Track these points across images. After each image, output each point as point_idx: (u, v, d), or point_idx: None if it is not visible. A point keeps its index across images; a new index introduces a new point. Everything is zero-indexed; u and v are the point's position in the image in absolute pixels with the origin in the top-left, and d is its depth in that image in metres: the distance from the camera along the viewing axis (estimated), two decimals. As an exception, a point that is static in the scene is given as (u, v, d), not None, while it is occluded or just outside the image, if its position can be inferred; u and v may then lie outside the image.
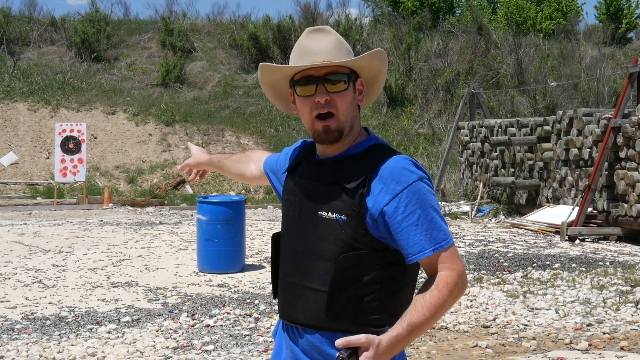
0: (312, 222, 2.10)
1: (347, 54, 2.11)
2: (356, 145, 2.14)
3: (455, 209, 15.69)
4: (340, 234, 2.05)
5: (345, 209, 2.04)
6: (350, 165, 2.09)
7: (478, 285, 8.06)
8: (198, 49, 28.94)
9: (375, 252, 2.05)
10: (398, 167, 2.04)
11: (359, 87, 2.15)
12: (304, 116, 2.13)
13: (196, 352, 5.67)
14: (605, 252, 10.80)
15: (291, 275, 2.15)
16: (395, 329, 1.96)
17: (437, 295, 1.99)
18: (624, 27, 32.83)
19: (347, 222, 2.04)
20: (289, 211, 2.20)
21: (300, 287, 2.11)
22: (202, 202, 9.15)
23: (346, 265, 2.04)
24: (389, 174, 2.03)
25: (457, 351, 5.74)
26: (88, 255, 10.22)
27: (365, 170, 2.06)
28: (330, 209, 2.06)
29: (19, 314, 6.91)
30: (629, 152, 11.78)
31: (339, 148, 2.14)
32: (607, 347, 5.81)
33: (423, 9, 32.47)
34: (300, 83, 2.10)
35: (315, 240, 2.09)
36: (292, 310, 2.13)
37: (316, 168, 2.16)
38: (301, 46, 2.11)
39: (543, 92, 24.72)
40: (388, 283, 2.07)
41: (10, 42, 27.69)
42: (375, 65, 2.15)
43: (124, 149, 22.52)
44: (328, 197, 2.08)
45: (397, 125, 23.98)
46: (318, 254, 2.08)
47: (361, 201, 2.03)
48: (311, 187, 2.13)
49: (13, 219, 14.64)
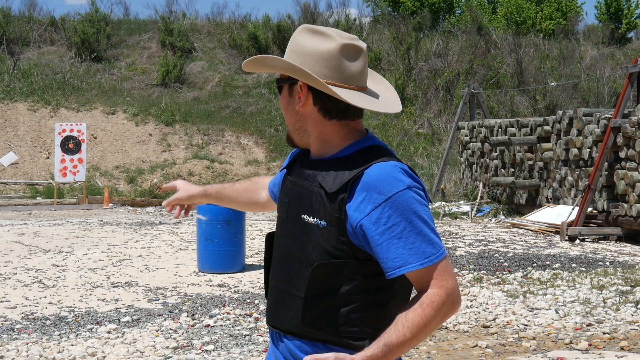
0: (296, 225, 2.01)
1: (291, 56, 2.03)
2: (350, 146, 2.01)
3: (455, 209, 15.70)
4: (319, 239, 1.94)
5: (326, 214, 1.93)
6: (337, 168, 1.96)
7: (478, 285, 8.06)
8: (198, 49, 28.94)
9: (357, 261, 1.92)
10: (384, 174, 1.88)
11: (299, 91, 2.01)
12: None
13: (196, 352, 5.67)
14: (605, 252, 10.80)
15: (276, 278, 2.08)
16: (371, 348, 1.84)
17: (421, 315, 1.84)
18: (624, 27, 32.83)
19: (327, 228, 1.93)
20: (279, 212, 2.13)
21: (283, 291, 2.04)
22: (202, 202, 9.14)
23: (322, 273, 1.93)
24: (373, 181, 1.88)
25: (457, 351, 5.74)
26: (88, 255, 10.22)
27: (349, 174, 1.92)
28: (312, 212, 1.97)
29: (19, 314, 6.91)
30: (629, 152, 11.78)
31: (331, 148, 2.03)
32: (607, 347, 5.81)
33: (423, 9, 32.47)
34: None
35: (297, 244, 2.00)
36: (275, 315, 2.07)
37: (306, 169, 2.05)
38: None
39: (543, 92, 24.72)
40: (370, 294, 1.94)
41: (10, 42, 27.69)
42: (269, 69, 2.08)
43: (123, 149, 22.52)
44: (311, 200, 1.98)
45: (397, 126, 23.97)
46: (300, 259, 1.99)
47: (341, 207, 1.91)
48: (298, 189, 2.04)
49: (13, 219, 14.63)
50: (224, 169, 21.48)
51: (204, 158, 21.95)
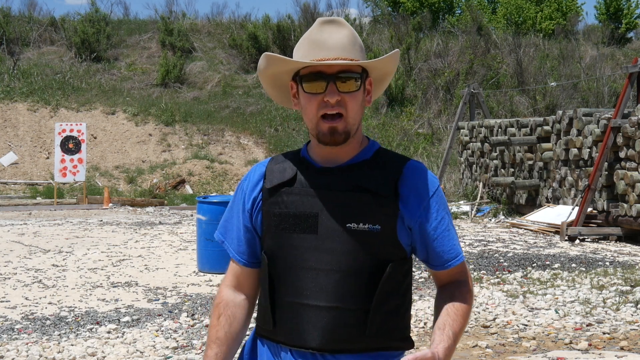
0: (337, 236, 1.90)
1: (360, 51, 1.94)
2: (365, 149, 1.99)
3: (455, 209, 15.70)
4: (374, 245, 1.89)
5: (379, 218, 1.89)
6: (372, 170, 1.93)
7: (478, 285, 8.06)
8: (198, 49, 28.94)
9: (401, 261, 1.94)
10: (423, 172, 1.95)
11: (368, 87, 1.98)
12: (308, 114, 1.94)
13: (196, 352, 5.67)
14: (605, 252, 10.80)
15: (299, 296, 1.92)
16: (443, 340, 1.86)
17: (468, 303, 1.96)
18: (623, 27, 32.83)
19: (382, 231, 1.89)
20: (294, 225, 1.94)
21: (327, 309, 1.89)
22: (202, 202, 9.16)
23: (390, 278, 1.91)
24: (417, 178, 1.93)
25: (457, 351, 5.74)
26: (88, 255, 10.22)
27: (392, 175, 1.92)
28: (361, 219, 1.89)
29: (19, 314, 6.91)
30: (628, 152, 11.78)
31: (348, 153, 1.96)
32: (607, 347, 5.81)
33: (423, 9, 32.47)
34: (309, 79, 1.91)
35: (344, 256, 1.89)
36: (307, 336, 1.91)
37: (327, 177, 1.95)
38: (313, 38, 1.93)
39: (543, 92, 24.73)
40: (409, 292, 1.99)
41: (10, 42, 27.69)
42: (389, 66, 2.01)
43: (123, 149, 22.52)
44: (357, 206, 1.90)
45: (397, 125, 23.98)
46: (349, 271, 1.89)
47: (395, 208, 1.90)
48: (331, 198, 1.92)
49: (13, 219, 14.63)
50: (224, 169, 21.48)
51: (204, 158, 21.96)
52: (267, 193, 1.99)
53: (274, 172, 2.01)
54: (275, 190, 1.98)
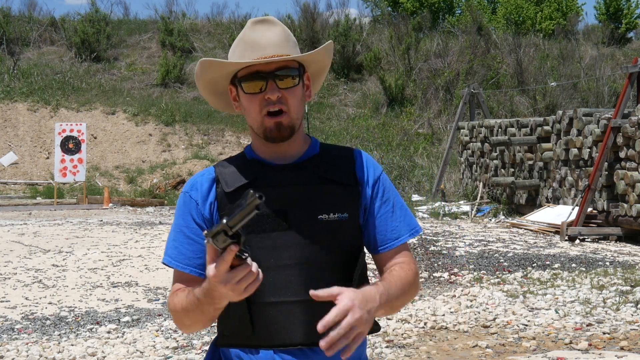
0: (309, 229, 1.92)
1: (294, 47, 1.97)
2: (312, 145, 2.03)
3: (455, 209, 15.69)
4: (344, 234, 1.94)
5: (346, 206, 1.95)
6: (330, 162, 1.99)
7: (478, 285, 8.06)
8: (198, 49, 28.95)
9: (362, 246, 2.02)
10: (368, 156, 2.04)
11: (307, 82, 2.02)
12: (251, 114, 1.94)
13: (196, 352, 5.67)
14: (605, 252, 10.80)
15: (278, 295, 1.90)
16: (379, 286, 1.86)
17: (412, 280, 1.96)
18: (623, 27, 32.84)
19: (349, 219, 1.95)
20: (263, 225, 1.91)
21: (298, 303, 1.89)
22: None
23: (363, 265, 1.98)
24: (365, 162, 2.01)
25: (457, 351, 5.74)
26: (88, 255, 10.22)
27: (347, 162, 2.00)
28: (330, 209, 1.93)
29: (19, 314, 6.91)
30: (628, 152, 11.78)
31: (297, 149, 1.99)
32: (607, 347, 5.81)
33: (423, 9, 32.48)
34: (248, 79, 1.92)
35: (316, 248, 1.92)
36: (292, 332, 1.90)
37: (288, 173, 1.96)
38: (247, 39, 1.94)
39: (543, 92, 24.73)
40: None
41: (10, 42, 27.70)
42: (325, 60, 2.04)
43: (123, 149, 22.53)
44: (325, 197, 1.94)
45: (396, 125, 23.98)
46: (322, 262, 1.92)
47: (357, 195, 1.98)
48: (300, 193, 1.94)
49: (13, 219, 14.63)
50: (224, 169, 21.48)
51: (204, 158, 21.95)
52: (227, 197, 1.95)
53: (228, 175, 1.98)
54: (237, 192, 1.93)
